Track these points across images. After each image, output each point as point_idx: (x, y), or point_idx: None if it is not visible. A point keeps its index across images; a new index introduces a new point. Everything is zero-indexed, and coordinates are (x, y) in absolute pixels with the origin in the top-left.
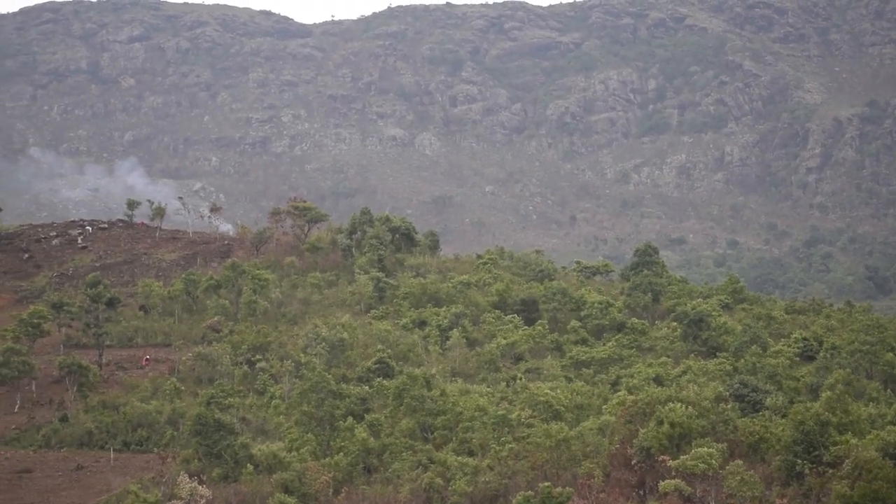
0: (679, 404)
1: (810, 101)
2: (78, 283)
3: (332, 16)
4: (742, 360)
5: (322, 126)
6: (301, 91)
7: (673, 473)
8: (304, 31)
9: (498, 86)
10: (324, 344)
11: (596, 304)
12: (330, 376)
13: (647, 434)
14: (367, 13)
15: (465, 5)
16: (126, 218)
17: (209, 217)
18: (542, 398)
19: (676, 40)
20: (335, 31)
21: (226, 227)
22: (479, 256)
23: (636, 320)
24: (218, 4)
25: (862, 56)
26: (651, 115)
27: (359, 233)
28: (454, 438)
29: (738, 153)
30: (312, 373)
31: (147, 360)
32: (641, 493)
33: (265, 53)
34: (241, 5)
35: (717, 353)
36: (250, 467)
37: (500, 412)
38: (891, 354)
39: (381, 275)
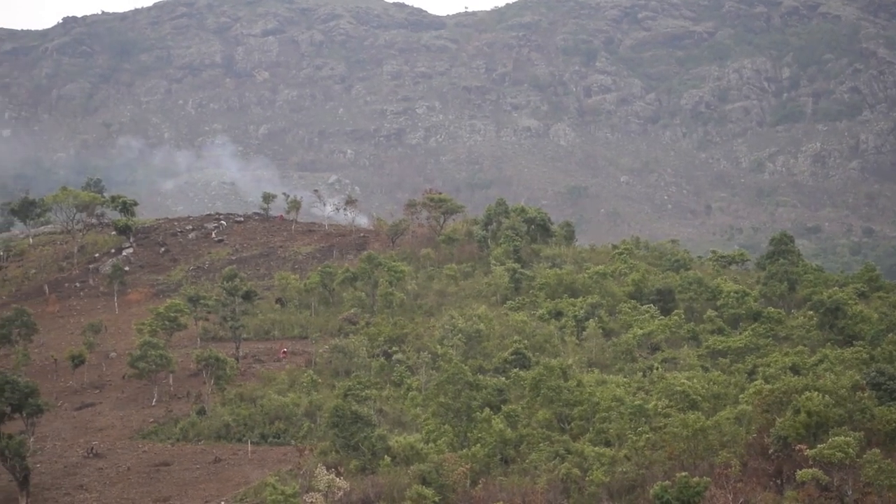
0: (816, 393)
1: None
2: (214, 276)
3: (466, 7)
4: (879, 349)
5: (457, 117)
6: (435, 83)
7: (810, 462)
8: (437, 22)
9: (632, 75)
10: (460, 335)
11: (732, 294)
12: (466, 367)
13: (783, 423)
14: (501, 4)
15: None
16: (262, 211)
17: (345, 209)
18: (678, 388)
19: (810, 28)
20: (469, 23)
21: (361, 220)
22: (614, 246)
23: (772, 309)
24: None
25: None
26: (785, 103)
27: (494, 224)
28: (591, 429)
29: (873, 141)
30: (449, 364)
31: (284, 352)
32: (778, 482)
33: (399, 45)
34: None
35: (854, 342)
36: (388, 459)
37: (636, 402)
38: None
39: (516, 266)
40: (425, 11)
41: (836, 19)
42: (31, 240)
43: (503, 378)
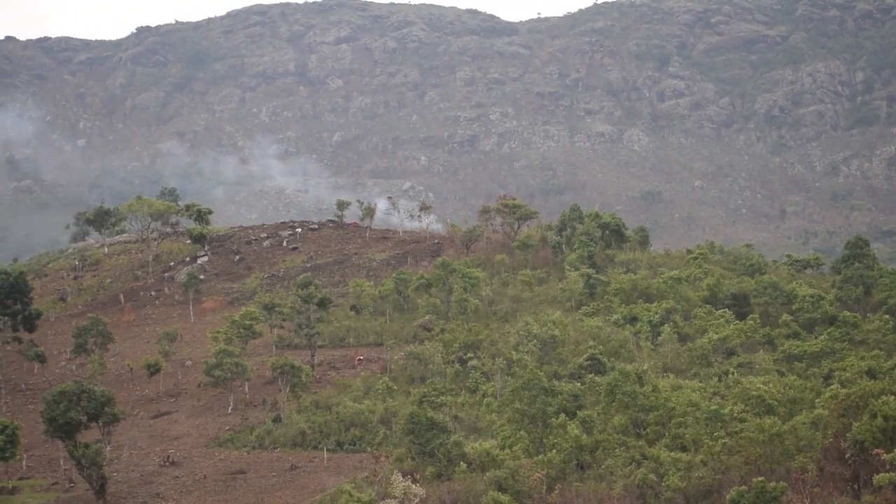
0: (892, 397)
1: None
2: (289, 283)
3: (539, 13)
4: None
5: (530, 123)
6: (508, 89)
7: (887, 467)
8: (510, 28)
9: (705, 80)
10: (535, 341)
11: (807, 298)
12: (542, 373)
13: (860, 427)
14: (574, 10)
15: (672, 0)
16: (336, 218)
17: (419, 216)
18: (754, 393)
19: (884, 31)
20: (542, 29)
21: (436, 226)
22: (689, 251)
23: (848, 313)
24: (424, 4)
25: None
26: (859, 107)
27: (568, 229)
28: (667, 434)
29: None
30: (524, 370)
31: (360, 359)
32: (856, 486)
33: (472, 52)
34: (447, 4)
35: None
36: (463, 465)
37: (712, 407)
38: None
39: (591, 271)
40: (498, 18)
41: None
42: (106, 249)
43: (578, 384)
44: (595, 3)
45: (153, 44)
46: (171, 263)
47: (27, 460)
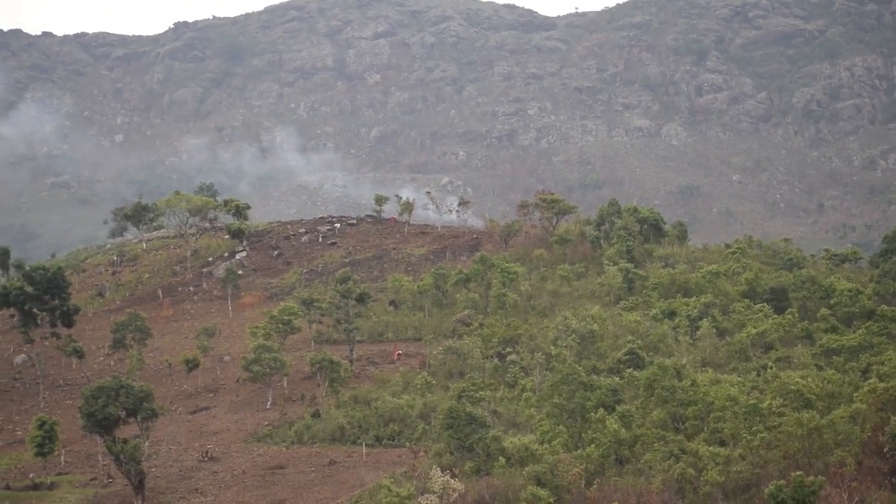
0: None
1: None
2: (328, 279)
3: (576, 8)
4: None
5: (568, 118)
6: (546, 83)
7: None
8: (548, 23)
9: (743, 74)
10: (574, 336)
11: (845, 292)
12: (580, 368)
13: None
14: (611, 4)
15: None
16: (375, 213)
17: (457, 211)
18: (792, 387)
19: None
20: (579, 23)
21: (474, 221)
22: (727, 246)
23: (886, 307)
24: None
25: None
26: None
27: (607, 224)
28: (705, 428)
29: None
30: (563, 365)
31: (399, 354)
32: (894, 480)
33: (510, 47)
34: None
35: None
36: (502, 460)
37: (751, 401)
38: None
39: (629, 266)
40: (536, 12)
41: None
42: (144, 244)
43: (617, 378)
44: None
45: (191, 39)
46: (210, 259)
47: (65, 456)
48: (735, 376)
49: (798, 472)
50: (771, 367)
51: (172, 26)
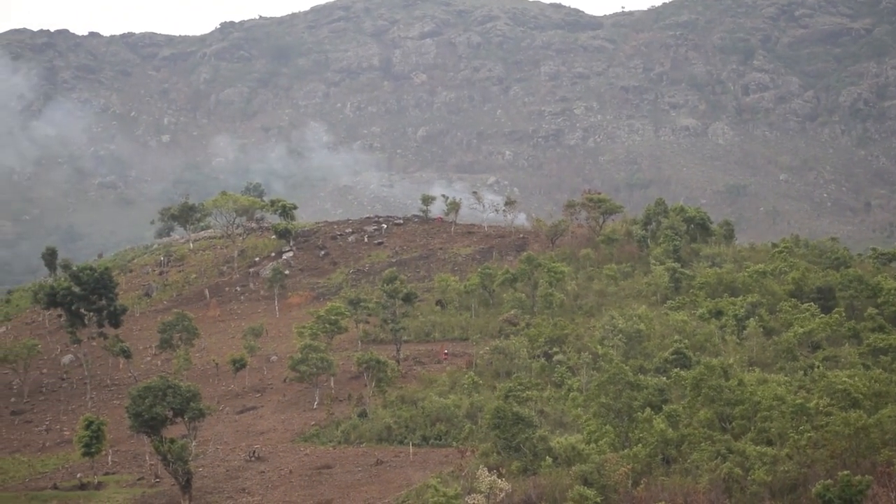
0: None
1: None
2: (374, 278)
3: (623, 7)
4: None
5: (614, 117)
6: (593, 83)
7: None
8: (594, 23)
9: (790, 73)
10: (620, 335)
11: (893, 291)
12: (627, 367)
13: None
14: (658, 3)
15: None
16: (421, 213)
17: (504, 211)
18: (839, 386)
19: None
20: (626, 23)
21: (521, 221)
22: (774, 245)
23: None
24: None
25: None
26: None
27: (653, 223)
28: (752, 428)
29: None
30: (610, 364)
31: (445, 354)
32: None
33: (556, 46)
34: None
35: None
36: (549, 460)
37: (798, 401)
38: None
39: (676, 265)
40: (582, 12)
41: None
42: (191, 244)
43: (664, 378)
44: None
45: (237, 39)
46: (256, 259)
47: (113, 456)
48: (782, 376)
49: (845, 472)
50: (818, 367)
51: (219, 26)
